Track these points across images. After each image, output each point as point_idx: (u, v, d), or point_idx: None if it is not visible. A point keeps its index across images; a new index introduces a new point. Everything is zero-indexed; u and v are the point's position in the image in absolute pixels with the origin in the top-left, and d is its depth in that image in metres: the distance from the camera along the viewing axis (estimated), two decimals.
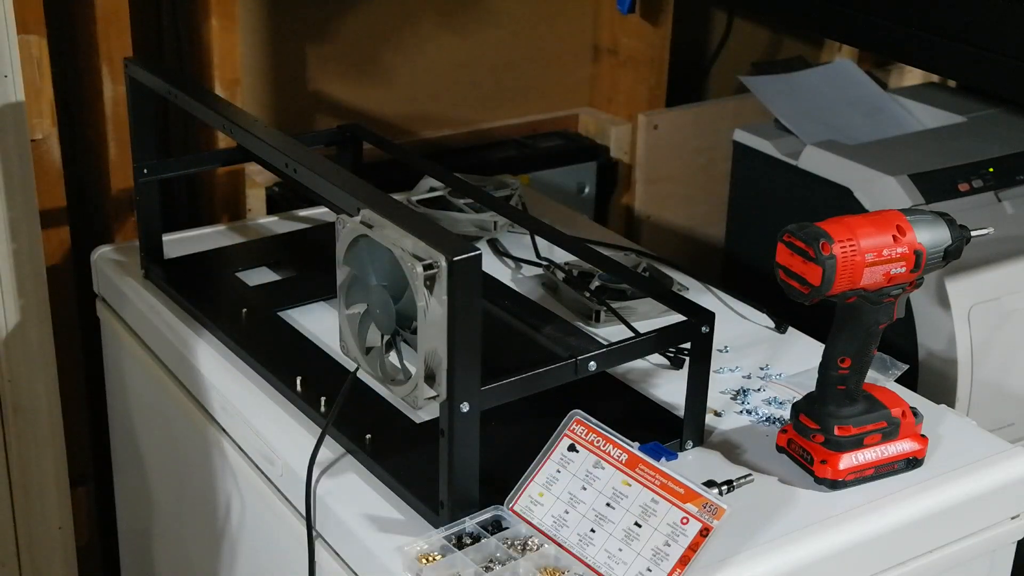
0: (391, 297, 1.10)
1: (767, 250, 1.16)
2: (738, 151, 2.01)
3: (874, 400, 1.21)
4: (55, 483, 1.78)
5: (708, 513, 1.04)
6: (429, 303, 1.03)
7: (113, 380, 1.68)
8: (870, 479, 1.20)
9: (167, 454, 1.55)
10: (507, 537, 1.09)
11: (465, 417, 1.07)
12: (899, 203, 1.71)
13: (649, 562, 1.04)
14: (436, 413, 1.09)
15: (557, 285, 1.55)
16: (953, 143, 1.92)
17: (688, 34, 2.31)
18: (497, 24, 2.11)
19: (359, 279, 1.14)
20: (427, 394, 1.06)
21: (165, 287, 1.53)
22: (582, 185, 2.21)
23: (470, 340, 1.04)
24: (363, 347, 1.14)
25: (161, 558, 1.65)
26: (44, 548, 1.81)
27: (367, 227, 1.10)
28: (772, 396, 1.35)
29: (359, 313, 1.14)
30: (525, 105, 2.19)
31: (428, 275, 1.03)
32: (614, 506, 1.08)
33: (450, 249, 1.03)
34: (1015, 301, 1.70)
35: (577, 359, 1.14)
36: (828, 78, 2.15)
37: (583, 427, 1.13)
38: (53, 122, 1.67)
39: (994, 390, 1.69)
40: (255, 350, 1.39)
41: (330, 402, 1.27)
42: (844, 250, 1.10)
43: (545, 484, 1.11)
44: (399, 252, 1.05)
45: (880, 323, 1.17)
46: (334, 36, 1.97)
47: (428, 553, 1.07)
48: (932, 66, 1.76)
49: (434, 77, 2.08)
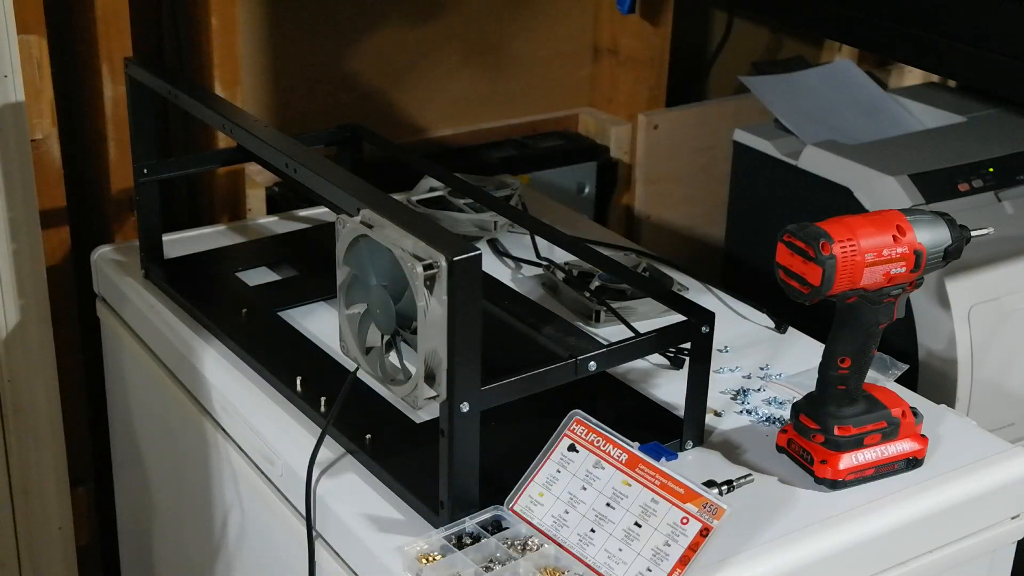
0: (391, 297, 1.10)
1: (767, 250, 1.16)
2: (738, 151, 2.01)
3: (874, 400, 1.21)
4: (55, 483, 1.78)
5: (708, 513, 1.04)
6: (429, 303, 1.03)
7: (113, 380, 1.68)
8: (870, 479, 1.20)
9: (167, 454, 1.55)
10: (507, 537, 1.09)
11: (465, 417, 1.07)
12: (899, 203, 1.71)
13: (649, 562, 1.04)
14: (436, 413, 1.09)
15: (557, 285, 1.55)
16: (953, 143, 1.92)
17: (688, 34, 2.31)
18: (497, 24, 2.11)
19: (359, 279, 1.14)
20: (427, 394, 1.06)
21: (165, 287, 1.53)
22: (582, 185, 2.20)
23: (470, 340, 1.04)
24: (363, 347, 1.14)
25: (161, 558, 1.65)
26: (44, 548, 1.81)
27: (367, 227, 1.10)
28: (772, 396, 1.35)
29: (359, 313, 1.14)
30: (525, 105, 2.19)
31: (428, 275, 1.03)
32: (614, 506, 1.08)
33: (450, 249, 1.03)
34: (1015, 301, 1.70)
35: (577, 359, 1.14)
36: (828, 78, 2.15)
37: (583, 427, 1.13)
38: (53, 122, 1.68)
39: (994, 390, 1.69)
40: (255, 350, 1.39)
41: (330, 402, 1.27)
42: (844, 250, 1.10)
43: (545, 484, 1.12)
44: (399, 252, 1.05)
45: (880, 323, 1.17)
46: (334, 36, 1.97)
47: (428, 553, 1.07)
48: (932, 66, 1.76)
49: (435, 77, 2.08)
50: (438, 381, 1.05)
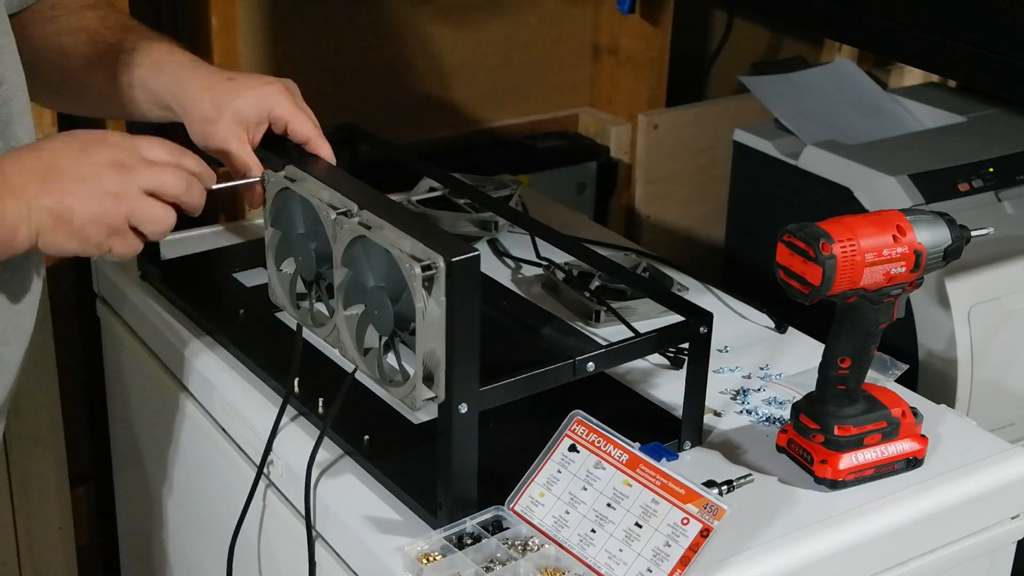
0: (390, 298, 1.10)
1: (767, 250, 1.16)
2: (738, 151, 2.01)
3: (874, 400, 1.21)
4: (55, 483, 1.79)
5: (708, 514, 1.04)
6: (427, 304, 1.03)
7: (113, 380, 1.68)
8: (870, 479, 1.20)
9: (167, 454, 1.55)
10: (507, 537, 1.09)
11: (463, 418, 1.06)
12: (899, 203, 1.71)
13: (649, 562, 1.04)
14: (435, 414, 1.09)
15: (557, 285, 1.55)
16: (953, 143, 1.92)
17: (688, 34, 2.31)
18: (497, 24, 2.11)
19: (357, 280, 1.14)
20: (425, 395, 1.06)
21: (162, 288, 1.53)
22: (582, 185, 2.20)
23: (468, 341, 1.04)
24: (361, 348, 1.14)
25: (161, 558, 1.65)
26: (44, 548, 1.81)
27: (365, 228, 1.10)
28: (772, 396, 1.35)
29: (357, 315, 1.14)
30: (525, 105, 2.19)
31: (426, 276, 1.03)
32: (615, 506, 1.08)
33: (448, 250, 1.02)
34: (1015, 301, 1.70)
35: (575, 360, 1.14)
36: (828, 78, 2.15)
37: (584, 427, 1.13)
38: (53, 122, 1.67)
39: (994, 390, 1.69)
40: (254, 351, 1.39)
41: (328, 402, 1.27)
42: (844, 250, 1.10)
43: (546, 484, 1.11)
44: (397, 253, 1.05)
45: (880, 323, 1.17)
46: (334, 36, 1.97)
47: (428, 553, 1.07)
48: (932, 66, 1.76)
49: (435, 77, 2.08)
50: (436, 382, 1.05)
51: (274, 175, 1.22)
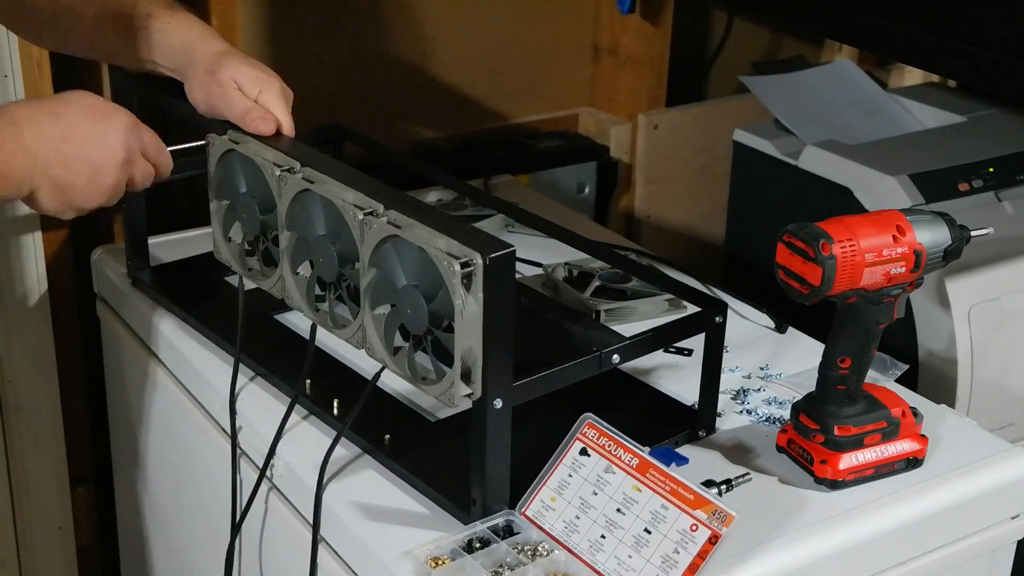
0: (424, 296, 1.09)
1: (767, 250, 1.16)
2: (738, 151, 2.01)
3: (874, 400, 1.21)
4: (55, 483, 1.79)
5: (717, 520, 1.04)
6: (466, 301, 1.03)
7: (113, 380, 1.68)
8: (870, 479, 1.20)
9: (167, 454, 1.55)
10: (517, 542, 1.08)
11: (498, 413, 1.07)
12: (899, 203, 1.71)
13: (659, 569, 1.04)
14: (449, 412, 1.08)
15: (557, 285, 1.55)
16: (953, 143, 1.92)
17: (688, 34, 2.30)
18: (497, 24, 2.11)
19: (386, 279, 1.13)
20: (464, 391, 1.06)
21: (153, 294, 1.52)
22: (582, 185, 2.20)
23: (505, 337, 1.04)
24: (391, 348, 1.13)
25: (161, 558, 1.65)
26: (44, 548, 1.82)
27: (395, 227, 1.09)
28: (772, 396, 1.35)
29: (385, 314, 1.13)
30: (525, 105, 2.19)
31: (465, 273, 1.02)
32: (624, 512, 1.08)
33: (485, 247, 1.03)
34: (1015, 301, 1.70)
35: (601, 352, 1.14)
36: (828, 78, 2.15)
37: (595, 431, 1.12)
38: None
39: (994, 390, 1.69)
40: (254, 352, 1.38)
41: (343, 403, 1.26)
42: (844, 250, 1.10)
43: (557, 488, 1.11)
44: (433, 251, 1.05)
45: (880, 323, 1.17)
46: (334, 36, 1.97)
47: (437, 556, 1.06)
48: (932, 66, 1.76)
49: (435, 77, 2.08)
50: (473, 378, 1.05)
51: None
